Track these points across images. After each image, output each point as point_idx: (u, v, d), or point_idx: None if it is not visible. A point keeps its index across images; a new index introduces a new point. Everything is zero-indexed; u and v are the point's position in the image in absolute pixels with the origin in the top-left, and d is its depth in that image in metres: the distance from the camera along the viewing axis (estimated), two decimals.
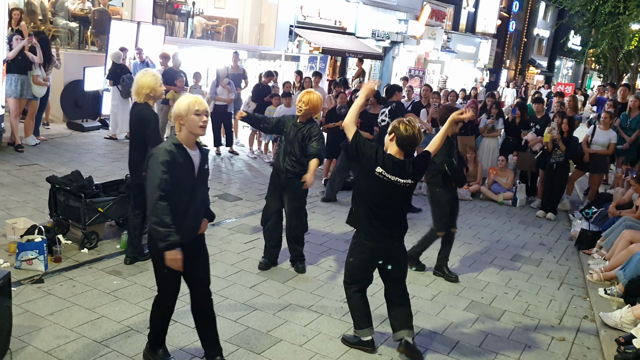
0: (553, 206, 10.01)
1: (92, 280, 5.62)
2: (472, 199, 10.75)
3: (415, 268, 6.79)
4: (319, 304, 5.66)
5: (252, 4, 19.07)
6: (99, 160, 10.15)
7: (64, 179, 6.63)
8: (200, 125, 3.93)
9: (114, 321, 4.88)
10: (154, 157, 3.86)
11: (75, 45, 14.29)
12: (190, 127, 3.92)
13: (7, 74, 9.50)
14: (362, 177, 4.72)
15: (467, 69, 32.32)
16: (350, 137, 4.64)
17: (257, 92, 12.35)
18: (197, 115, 3.90)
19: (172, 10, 16.73)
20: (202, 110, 3.92)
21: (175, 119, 3.93)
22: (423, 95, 12.23)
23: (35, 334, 4.55)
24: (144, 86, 5.62)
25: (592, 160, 10.21)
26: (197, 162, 4.04)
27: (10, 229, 6.11)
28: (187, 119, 3.90)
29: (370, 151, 4.55)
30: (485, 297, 6.28)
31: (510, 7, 38.42)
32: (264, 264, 6.42)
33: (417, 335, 5.21)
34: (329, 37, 20.59)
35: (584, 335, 5.60)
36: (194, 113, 3.89)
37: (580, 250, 8.08)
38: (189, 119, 3.90)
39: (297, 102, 6.20)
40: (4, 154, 9.54)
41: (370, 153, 4.55)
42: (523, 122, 11.23)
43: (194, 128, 3.92)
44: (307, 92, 6.19)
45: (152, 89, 5.64)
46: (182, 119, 3.90)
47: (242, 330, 4.97)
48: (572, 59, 50.27)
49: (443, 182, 6.45)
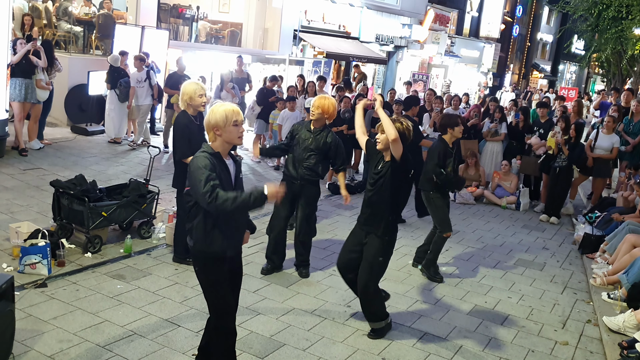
0: (556, 210, 10.00)
1: (95, 285, 5.63)
2: (475, 203, 10.75)
3: (428, 276, 6.77)
4: (322, 308, 5.66)
5: (256, 9, 19.11)
6: (103, 164, 10.17)
7: (67, 182, 6.65)
8: (239, 136, 3.85)
9: (117, 325, 4.89)
10: (194, 163, 3.73)
11: (80, 49, 14.35)
12: (229, 138, 3.81)
13: (12, 78, 9.53)
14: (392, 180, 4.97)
15: (470, 73, 32.30)
16: (362, 146, 5.13)
17: (262, 96, 12.38)
18: (236, 126, 3.81)
19: (176, 14, 16.78)
20: (240, 121, 3.84)
21: (211, 129, 3.81)
22: (426, 100, 12.23)
23: (39, 338, 4.56)
24: (184, 93, 5.67)
25: (596, 165, 10.19)
26: (233, 171, 3.95)
27: (14, 232, 6.13)
28: (225, 130, 3.78)
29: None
30: (488, 301, 6.27)
31: (514, 11, 38.42)
32: (266, 270, 6.43)
33: (421, 340, 5.22)
34: (333, 42, 20.60)
35: (587, 340, 5.59)
36: (233, 124, 3.79)
37: (584, 255, 8.07)
38: (228, 130, 3.79)
39: (311, 107, 6.23)
40: (8, 158, 9.57)
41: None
42: (526, 126, 11.23)
43: (233, 139, 3.83)
44: (320, 97, 6.24)
45: (190, 97, 5.64)
46: (219, 129, 3.78)
47: (245, 335, 4.97)
48: (575, 63, 50.20)
49: (435, 187, 6.52)
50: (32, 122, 10.30)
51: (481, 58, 33.12)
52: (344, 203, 6.14)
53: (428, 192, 6.63)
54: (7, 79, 9.34)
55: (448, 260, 7.46)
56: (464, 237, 8.61)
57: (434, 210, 6.68)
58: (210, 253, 3.85)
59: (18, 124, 9.87)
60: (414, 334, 5.32)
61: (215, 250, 3.84)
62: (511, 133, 11.35)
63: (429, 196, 6.63)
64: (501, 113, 11.48)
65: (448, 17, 28.86)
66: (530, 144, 10.93)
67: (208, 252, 3.85)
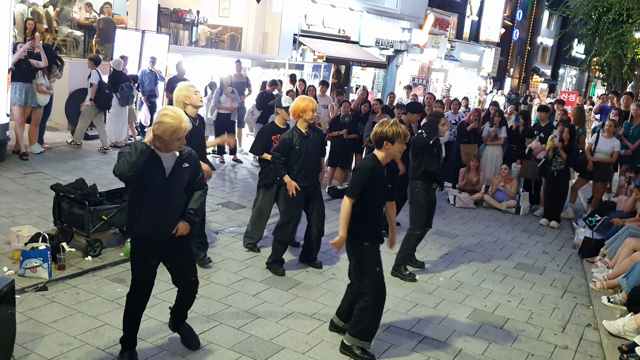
0: (556, 214, 10.01)
1: (95, 288, 5.64)
2: (475, 207, 10.75)
3: (408, 272, 6.79)
4: (322, 312, 5.67)
5: (256, 13, 19.15)
6: (103, 168, 10.18)
7: (68, 186, 6.67)
8: (179, 147, 4.20)
9: (117, 329, 4.88)
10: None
11: (80, 54, 14.37)
12: (167, 146, 4.06)
13: (12, 82, 9.56)
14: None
15: (470, 77, 32.35)
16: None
17: (262, 100, 12.40)
18: (178, 140, 4.08)
19: (176, 19, 16.82)
20: (182, 137, 4.08)
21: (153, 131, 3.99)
22: (426, 104, 12.25)
23: (39, 342, 4.57)
24: (179, 96, 5.64)
25: (596, 169, 10.19)
26: (170, 163, 4.19)
27: (15, 236, 6.14)
28: (166, 142, 4.05)
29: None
30: (488, 305, 6.28)
31: (514, 15, 38.49)
32: (282, 271, 6.52)
33: (420, 343, 5.22)
34: (332, 46, 20.64)
35: (587, 344, 5.59)
36: (176, 138, 4.05)
37: (584, 259, 8.06)
38: (170, 141, 4.06)
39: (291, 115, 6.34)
40: (9, 162, 9.59)
41: None
42: (526, 130, 11.24)
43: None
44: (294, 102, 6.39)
45: (186, 96, 5.59)
46: (162, 138, 4.01)
47: (245, 338, 4.98)
48: (575, 67, 50.26)
49: (424, 181, 6.59)
50: (32, 127, 10.32)
51: (481, 62, 33.18)
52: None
53: (414, 188, 6.71)
54: (8, 83, 9.37)
55: (448, 264, 7.47)
56: (463, 241, 8.61)
57: (413, 204, 6.75)
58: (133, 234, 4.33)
59: (19, 128, 9.89)
60: (413, 338, 5.32)
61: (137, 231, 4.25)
62: (511, 137, 11.35)
63: (414, 192, 6.71)
64: (501, 117, 11.49)
65: (448, 21, 28.91)
66: (530, 148, 10.94)
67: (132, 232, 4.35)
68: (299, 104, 6.23)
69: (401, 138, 4.64)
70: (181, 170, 4.21)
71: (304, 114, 6.20)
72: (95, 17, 14.62)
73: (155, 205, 4.14)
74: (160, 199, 4.14)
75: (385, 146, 4.66)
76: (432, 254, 7.77)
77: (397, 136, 4.59)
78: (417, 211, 6.74)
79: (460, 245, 8.38)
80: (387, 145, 4.64)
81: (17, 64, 9.60)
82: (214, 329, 5.09)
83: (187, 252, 4.52)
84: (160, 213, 4.17)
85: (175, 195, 4.23)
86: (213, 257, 6.65)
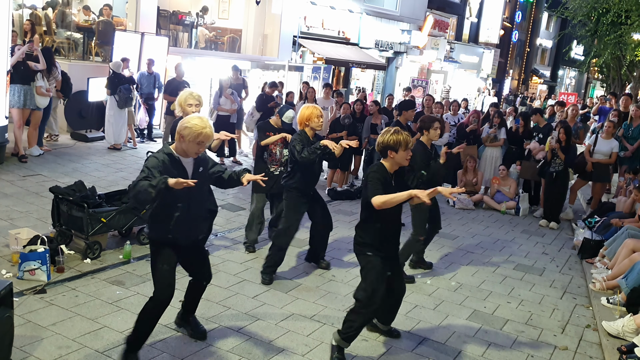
0: (555, 215, 10.00)
1: (94, 291, 5.63)
2: (474, 208, 10.75)
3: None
4: (321, 314, 5.66)
5: (255, 15, 19.16)
6: (102, 171, 10.18)
7: (67, 189, 6.66)
8: (197, 152, 4.26)
9: (116, 331, 4.89)
10: (145, 162, 4.13)
11: (79, 56, 14.38)
12: (187, 149, 4.15)
13: (11, 84, 9.57)
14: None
15: (470, 79, 32.38)
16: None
17: (261, 101, 12.40)
18: (199, 144, 4.17)
19: (176, 21, 16.83)
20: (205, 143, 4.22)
21: (178, 132, 4.11)
22: (425, 105, 12.24)
23: (37, 345, 4.56)
24: (178, 100, 5.80)
25: (595, 170, 10.20)
26: (190, 168, 4.29)
27: (13, 239, 6.13)
28: (188, 143, 4.16)
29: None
30: (487, 307, 6.27)
31: (513, 17, 38.52)
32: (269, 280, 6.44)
33: (420, 345, 5.21)
34: (332, 48, 20.65)
35: (586, 344, 5.59)
36: (197, 142, 4.15)
37: (583, 260, 8.06)
38: (191, 144, 4.16)
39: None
40: (8, 165, 9.59)
41: None
42: (526, 131, 11.23)
43: (190, 152, 4.27)
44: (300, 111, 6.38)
45: (180, 104, 5.74)
46: (183, 139, 4.12)
47: (244, 340, 4.97)
48: (575, 68, 50.29)
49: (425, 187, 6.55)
50: (31, 129, 10.33)
51: (480, 63, 33.22)
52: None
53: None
54: (6, 85, 9.37)
55: (447, 265, 7.46)
56: (463, 242, 8.61)
57: (416, 210, 6.69)
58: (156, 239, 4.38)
59: (17, 130, 9.89)
60: (413, 339, 5.31)
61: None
62: (511, 138, 11.35)
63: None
64: (500, 118, 11.49)
65: (447, 23, 28.94)
66: (529, 149, 10.94)
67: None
68: (303, 112, 6.21)
69: (404, 146, 4.59)
70: (200, 175, 4.32)
71: (309, 121, 6.19)
72: (95, 20, 14.63)
73: (183, 210, 4.23)
74: (187, 204, 4.24)
75: (390, 155, 4.64)
76: (432, 255, 7.75)
77: (399, 144, 4.57)
78: (420, 217, 6.69)
79: (459, 246, 8.38)
80: (392, 154, 4.63)
81: (16, 66, 9.62)
82: (213, 331, 5.08)
83: (204, 251, 4.81)
84: (189, 218, 4.27)
85: (202, 198, 4.43)
86: (212, 259, 6.61)
